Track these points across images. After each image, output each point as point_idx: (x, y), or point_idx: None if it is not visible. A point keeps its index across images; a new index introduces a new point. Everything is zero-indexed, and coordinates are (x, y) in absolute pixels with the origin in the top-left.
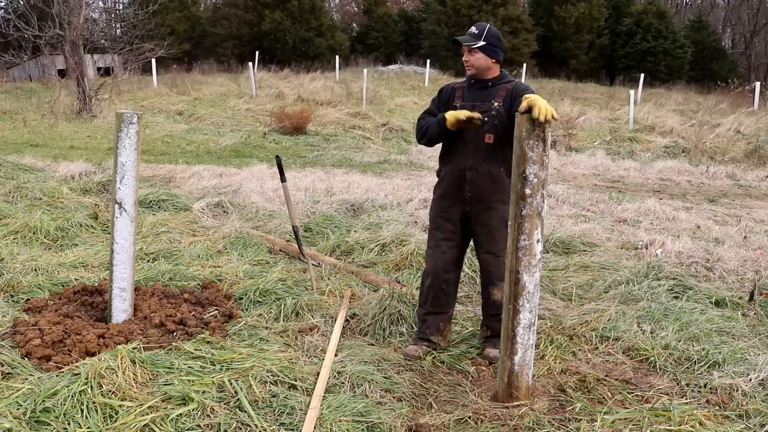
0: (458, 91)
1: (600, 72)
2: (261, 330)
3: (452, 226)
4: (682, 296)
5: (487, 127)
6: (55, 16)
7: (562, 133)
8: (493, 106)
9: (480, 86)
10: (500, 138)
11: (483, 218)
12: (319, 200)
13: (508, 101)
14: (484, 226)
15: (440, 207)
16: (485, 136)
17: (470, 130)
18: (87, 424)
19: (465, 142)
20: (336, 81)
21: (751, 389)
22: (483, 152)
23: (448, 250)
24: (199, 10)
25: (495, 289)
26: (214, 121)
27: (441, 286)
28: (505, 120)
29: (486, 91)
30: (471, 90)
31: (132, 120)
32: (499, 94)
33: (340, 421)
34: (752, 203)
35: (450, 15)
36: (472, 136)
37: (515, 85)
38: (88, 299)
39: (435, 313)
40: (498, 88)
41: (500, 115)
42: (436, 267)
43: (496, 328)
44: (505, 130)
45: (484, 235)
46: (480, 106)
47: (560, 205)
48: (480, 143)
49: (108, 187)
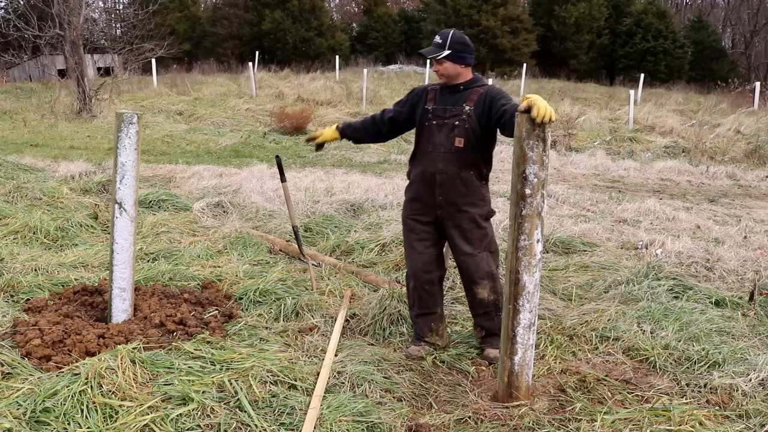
0: (431, 94)
1: (600, 72)
2: (261, 330)
3: (425, 226)
4: (682, 296)
5: (458, 131)
6: (55, 16)
7: (562, 133)
8: (464, 110)
9: (451, 90)
10: (471, 142)
11: (455, 221)
12: (319, 200)
13: (480, 106)
14: (457, 228)
15: (412, 209)
16: (456, 139)
17: (441, 133)
18: (87, 424)
19: (435, 146)
20: (336, 81)
21: (751, 389)
22: (453, 156)
23: (424, 250)
24: (199, 10)
25: (479, 288)
26: (214, 121)
27: (424, 287)
28: (476, 124)
29: (457, 95)
30: (443, 93)
31: (132, 120)
32: (471, 98)
33: (340, 421)
34: (752, 203)
35: (450, 15)
36: (443, 140)
37: (488, 90)
38: (88, 299)
39: (424, 315)
40: (470, 92)
41: (471, 120)
42: (415, 269)
43: (489, 327)
44: (476, 134)
45: (458, 237)
46: (451, 109)
47: (560, 205)
48: (450, 147)
49: (108, 187)
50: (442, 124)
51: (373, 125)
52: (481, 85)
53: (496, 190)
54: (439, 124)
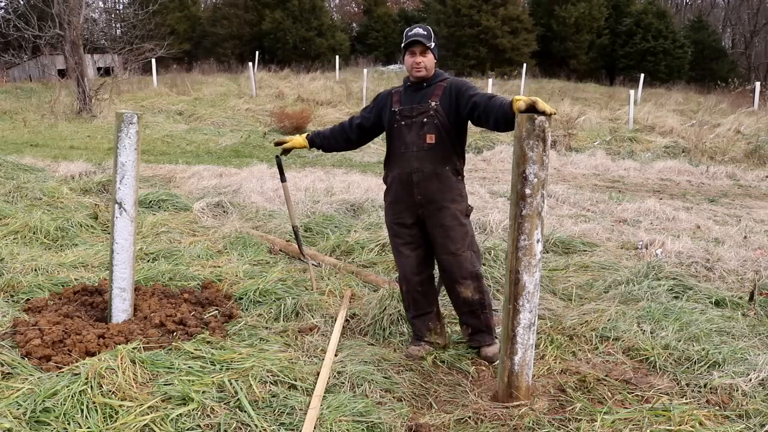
0: (395, 96)
1: (600, 72)
2: (261, 330)
3: (409, 230)
4: (682, 296)
5: (427, 127)
6: (55, 16)
7: (562, 133)
8: (430, 105)
9: (416, 88)
10: (442, 137)
11: (437, 219)
12: (319, 200)
13: (446, 99)
14: (439, 227)
15: (394, 212)
16: (427, 136)
17: (411, 132)
18: (87, 424)
19: (407, 145)
20: (336, 81)
21: (751, 389)
22: (426, 153)
23: (410, 253)
24: (199, 10)
25: (462, 287)
26: (214, 121)
27: (416, 289)
28: (445, 118)
29: (422, 92)
30: (407, 93)
31: (132, 120)
32: (436, 93)
33: (340, 421)
34: (752, 203)
35: (450, 15)
36: (414, 139)
37: (451, 82)
38: (88, 299)
39: (420, 315)
40: (434, 87)
41: (439, 114)
42: (405, 273)
43: (475, 324)
44: (446, 129)
45: (441, 236)
46: (417, 107)
47: (560, 205)
48: (422, 144)
49: (108, 187)
50: (411, 123)
51: (342, 133)
52: (443, 79)
53: (496, 190)
54: (408, 124)
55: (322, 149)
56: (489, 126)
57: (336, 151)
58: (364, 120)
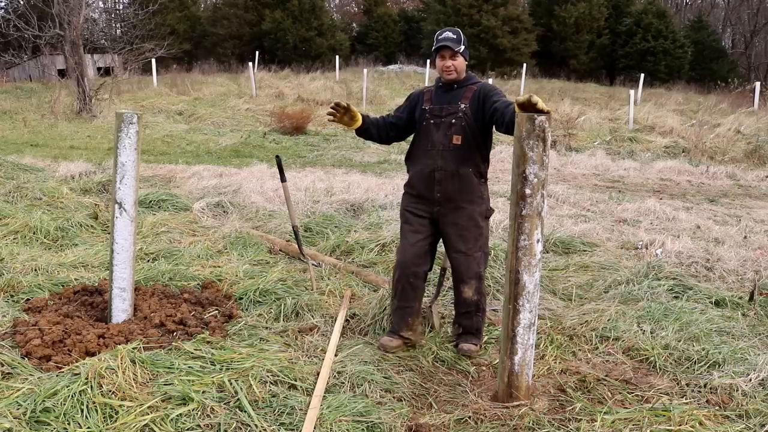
0: (426, 95)
1: (600, 72)
2: (261, 330)
3: (421, 219)
4: (682, 296)
5: (455, 128)
6: (55, 16)
7: (562, 133)
8: (459, 107)
9: (447, 89)
10: (468, 139)
11: (452, 218)
12: (319, 200)
13: (475, 103)
14: (454, 225)
15: (409, 202)
16: (453, 137)
17: (439, 132)
18: (87, 424)
19: (434, 144)
20: (336, 81)
21: (751, 389)
22: (451, 153)
23: (417, 242)
24: (199, 10)
25: (466, 287)
26: (214, 121)
27: (409, 279)
28: (472, 121)
29: (452, 93)
30: (438, 93)
31: (132, 120)
32: (465, 95)
33: (340, 421)
34: (752, 203)
35: (450, 15)
36: (441, 138)
37: (481, 87)
38: (88, 299)
39: (402, 308)
40: (464, 90)
41: (467, 117)
42: (405, 259)
43: (467, 325)
44: (473, 131)
45: (454, 234)
46: (447, 108)
47: (560, 205)
48: (448, 144)
49: (108, 187)
50: (440, 123)
51: (384, 126)
52: (474, 82)
53: (496, 190)
54: (437, 123)
55: (363, 134)
56: (502, 130)
57: (371, 140)
58: (397, 120)
